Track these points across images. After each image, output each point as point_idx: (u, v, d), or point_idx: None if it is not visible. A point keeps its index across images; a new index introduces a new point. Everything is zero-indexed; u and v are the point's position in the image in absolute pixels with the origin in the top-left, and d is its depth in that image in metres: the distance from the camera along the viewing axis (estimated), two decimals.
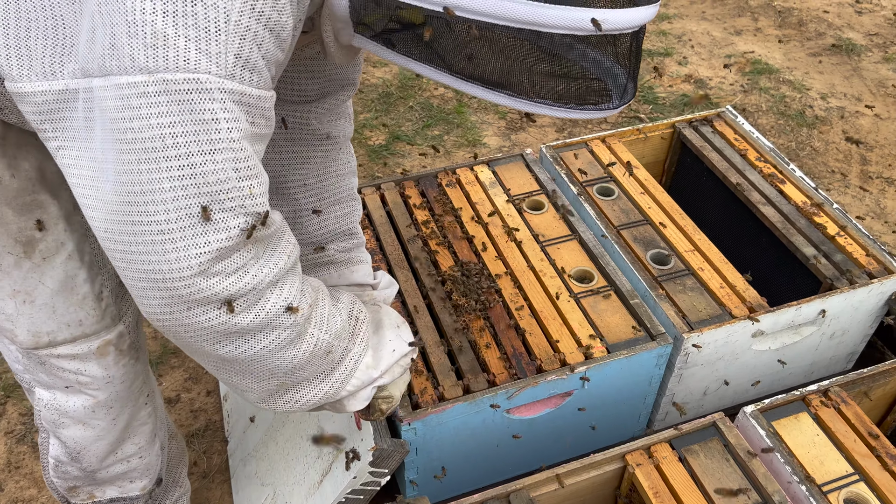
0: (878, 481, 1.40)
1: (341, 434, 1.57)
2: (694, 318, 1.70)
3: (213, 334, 0.97)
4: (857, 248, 1.87)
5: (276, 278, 0.98)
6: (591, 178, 2.07)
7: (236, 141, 0.85)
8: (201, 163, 0.84)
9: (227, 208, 0.88)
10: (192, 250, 0.88)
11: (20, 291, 1.19)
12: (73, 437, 1.36)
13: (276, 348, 1.04)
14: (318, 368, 1.13)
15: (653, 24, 3.96)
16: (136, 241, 0.88)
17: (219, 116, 0.83)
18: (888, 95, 3.44)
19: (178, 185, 0.84)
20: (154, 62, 0.79)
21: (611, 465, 1.44)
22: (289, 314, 1.01)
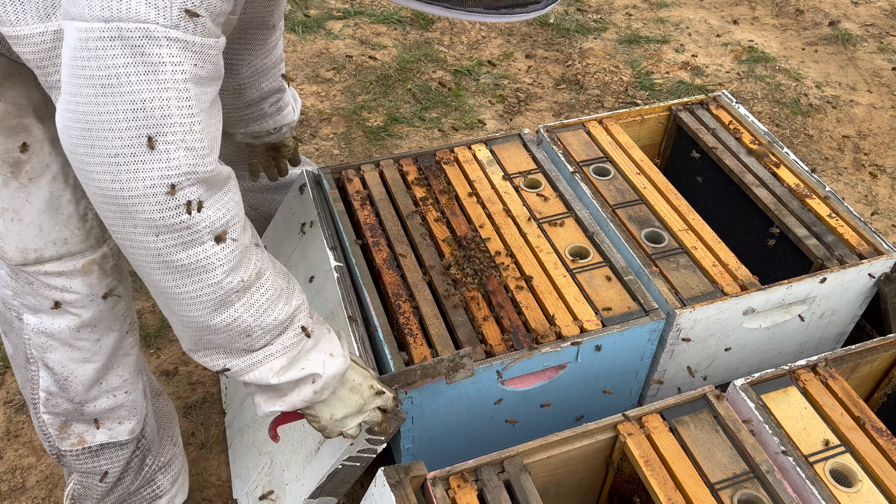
0: (864, 453, 1.43)
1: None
2: (686, 295, 1.74)
3: (152, 259, 1.09)
4: (848, 230, 1.90)
5: (216, 229, 1.09)
6: (588, 159, 2.10)
7: (180, 82, 0.98)
8: (149, 99, 0.97)
9: (170, 140, 1.00)
10: (139, 174, 1.01)
11: (8, 210, 1.28)
12: (60, 360, 1.43)
13: (199, 300, 1.13)
14: (231, 343, 1.20)
15: (650, 11, 3.97)
16: (94, 162, 1.01)
17: (165, 60, 0.96)
18: (882, 85, 3.47)
19: (129, 117, 0.98)
20: (109, 12, 0.92)
21: (603, 435, 1.48)
22: (221, 270, 1.11)
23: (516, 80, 3.46)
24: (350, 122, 3.19)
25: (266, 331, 1.21)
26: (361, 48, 3.60)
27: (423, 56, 3.56)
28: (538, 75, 3.51)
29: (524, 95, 3.38)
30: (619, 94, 3.40)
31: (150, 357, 2.26)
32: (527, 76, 3.49)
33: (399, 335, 1.66)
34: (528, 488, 1.36)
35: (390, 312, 1.71)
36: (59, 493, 1.96)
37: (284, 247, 1.99)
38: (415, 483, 1.36)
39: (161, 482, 1.75)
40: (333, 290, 1.72)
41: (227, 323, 1.17)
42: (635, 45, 3.70)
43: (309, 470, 1.60)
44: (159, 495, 1.76)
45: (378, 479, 1.37)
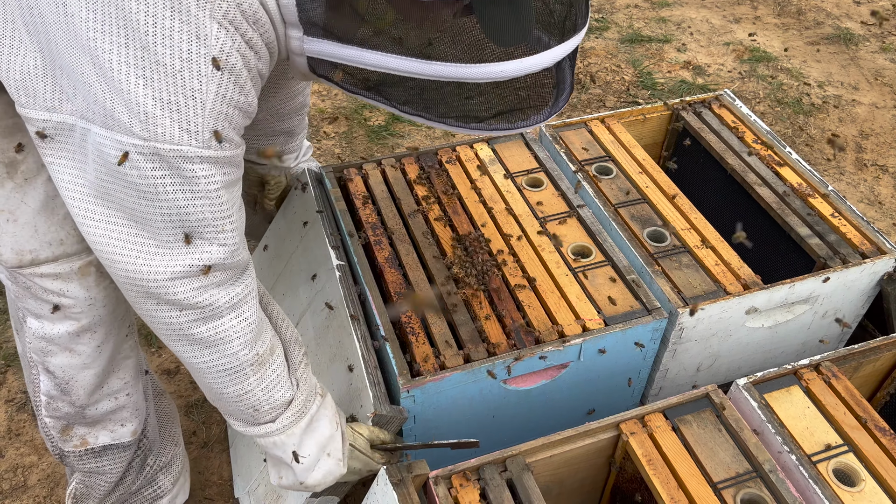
0: (867, 452, 1.43)
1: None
2: (689, 294, 1.73)
3: (173, 332, 1.20)
4: (851, 229, 1.90)
5: (234, 304, 1.21)
6: (590, 158, 2.10)
7: (212, 191, 1.09)
8: (185, 206, 1.08)
9: (204, 238, 1.13)
10: (172, 262, 1.12)
11: (3, 210, 1.28)
12: (61, 365, 1.43)
13: (215, 371, 1.24)
14: (240, 412, 1.32)
15: (652, 10, 3.97)
16: (126, 251, 1.12)
17: (198, 175, 1.07)
18: (884, 84, 3.47)
19: (168, 219, 1.10)
20: (147, 133, 1.02)
21: (605, 434, 1.47)
22: (238, 343, 1.23)
23: None
24: (352, 121, 3.19)
25: (273, 407, 1.31)
26: None
27: None
28: None
29: None
30: (620, 93, 3.40)
31: (151, 356, 2.26)
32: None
33: (401, 334, 1.65)
34: (531, 487, 1.36)
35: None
36: (60, 491, 1.95)
37: (286, 245, 1.99)
38: (417, 482, 1.36)
39: (162, 482, 1.75)
40: (335, 288, 1.72)
41: (239, 395, 1.28)
42: (637, 45, 3.70)
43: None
44: (161, 495, 1.76)
45: (380, 478, 1.36)
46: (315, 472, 1.38)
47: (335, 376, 1.66)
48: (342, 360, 1.64)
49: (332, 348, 1.69)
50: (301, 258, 1.91)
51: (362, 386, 1.55)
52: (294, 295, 1.89)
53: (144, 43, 0.98)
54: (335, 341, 1.68)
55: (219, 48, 1.01)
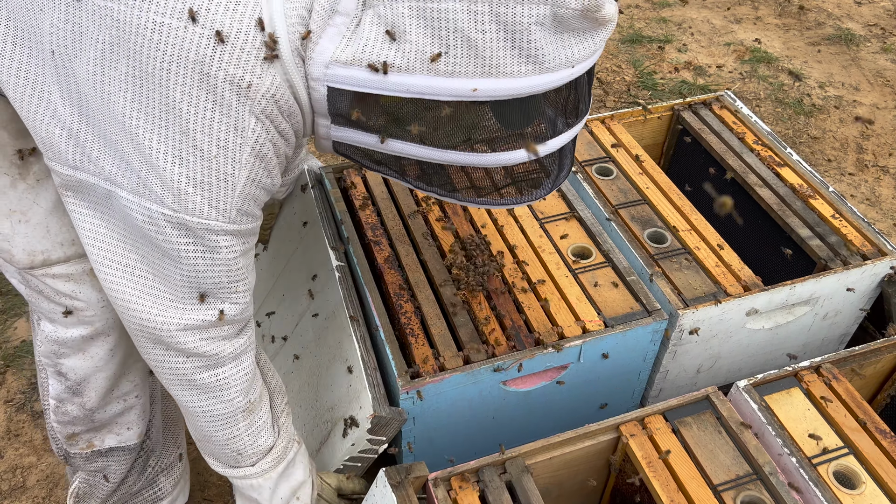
0: (868, 455, 1.43)
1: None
2: (689, 296, 1.73)
3: (176, 378, 1.27)
4: (852, 231, 1.89)
5: (236, 355, 1.27)
6: (591, 158, 2.09)
7: (231, 260, 1.17)
8: (204, 270, 1.16)
9: (217, 297, 1.20)
10: (185, 316, 1.19)
11: (16, 211, 1.29)
12: (74, 367, 1.44)
13: (211, 415, 1.30)
14: (224, 456, 1.39)
15: (653, 10, 3.97)
16: (141, 299, 1.19)
17: (221, 245, 1.14)
18: (885, 85, 3.47)
19: (186, 278, 1.16)
20: (177, 206, 1.08)
21: (605, 436, 1.47)
22: (235, 390, 1.29)
23: None
24: None
25: (255, 452, 1.38)
26: None
27: None
28: None
29: None
30: (621, 93, 3.39)
31: None
32: None
33: (400, 335, 1.65)
34: (530, 489, 1.35)
35: (392, 312, 1.70)
36: (59, 492, 1.95)
37: (286, 246, 1.99)
38: (416, 484, 1.35)
39: (163, 484, 1.75)
40: (335, 289, 1.71)
41: (228, 439, 1.34)
42: (638, 45, 3.69)
43: None
44: (161, 497, 1.75)
45: (379, 480, 1.36)
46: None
47: (335, 378, 1.65)
48: (342, 362, 1.64)
49: (332, 349, 1.69)
50: (301, 258, 1.90)
51: (361, 388, 1.55)
52: (294, 296, 1.89)
53: (185, 129, 1.04)
54: (335, 342, 1.68)
55: (254, 139, 1.08)
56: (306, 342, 1.78)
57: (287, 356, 1.84)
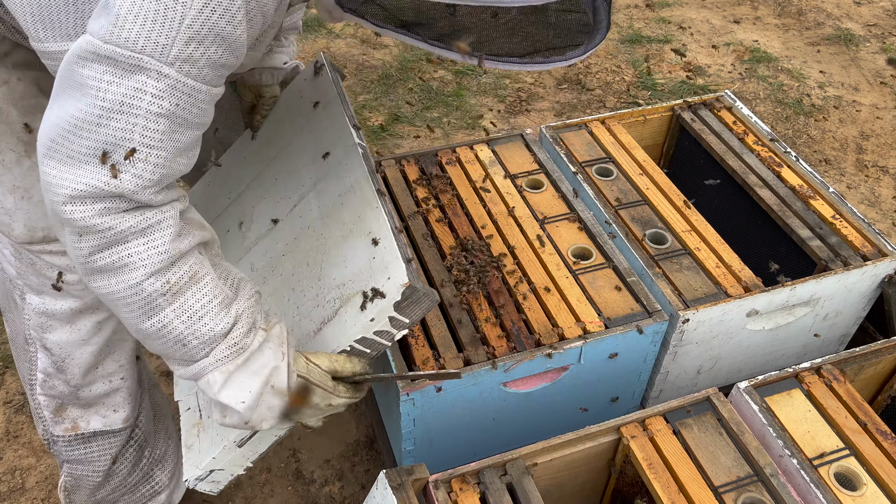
0: (868, 456, 1.43)
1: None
2: (690, 297, 1.73)
3: (78, 261, 1.11)
4: (852, 231, 1.89)
5: (142, 229, 1.09)
6: (590, 159, 2.09)
7: (153, 114, 1.02)
8: (117, 118, 1.01)
9: (120, 160, 1.03)
10: (75, 178, 1.03)
11: (20, 188, 1.31)
12: (59, 341, 1.44)
13: (125, 302, 1.12)
14: (169, 351, 1.18)
15: (652, 11, 3.97)
16: (52, 158, 1.05)
17: (146, 89, 1.00)
18: (885, 85, 3.47)
19: (95, 126, 1.01)
20: (110, 36, 0.98)
21: (606, 437, 1.47)
22: (143, 270, 1.10)
23: (517, 80, 3.46)
24: None
25: (202, 341, 1.17)
26: (363, 48, 3.59)
27: (424, 55, 3.55)
28: (540, 75, 3.50)
29: (526, 95, 3.37)
30: (620, 94, 3.39)
31: (150, 357, 2.26)
32: (528, 76, 3.49)
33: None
34: (531, 491, 1.35)
35: None
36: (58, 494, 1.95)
37: (285, 129, 1.84)
38: (416, 486, 1.35)
39: (159, 478, 1.74)
40: (355, 165, 1.58)
41: (157, 329, 1.15)
42: (637, 45, 3.69)
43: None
44: (158, 491, 1.75)
45: (380, 482, 1.36)
46: (258, 408, 1.23)
47: (351, 252, 1.49)
48: (362, 236, 1.47)
49: (349, 225, 1.53)
50: (307, 139, 1.76)
51: (392, 258, 1.37)
52: (294, 177, 1.74)
53: None
54: (353, 217, 1.53)
55: None
56: (308, 223, 1.63)
57: (278, 240, 1.67)
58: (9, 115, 1.27)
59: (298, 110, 1.81)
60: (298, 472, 2.02)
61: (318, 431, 2.10)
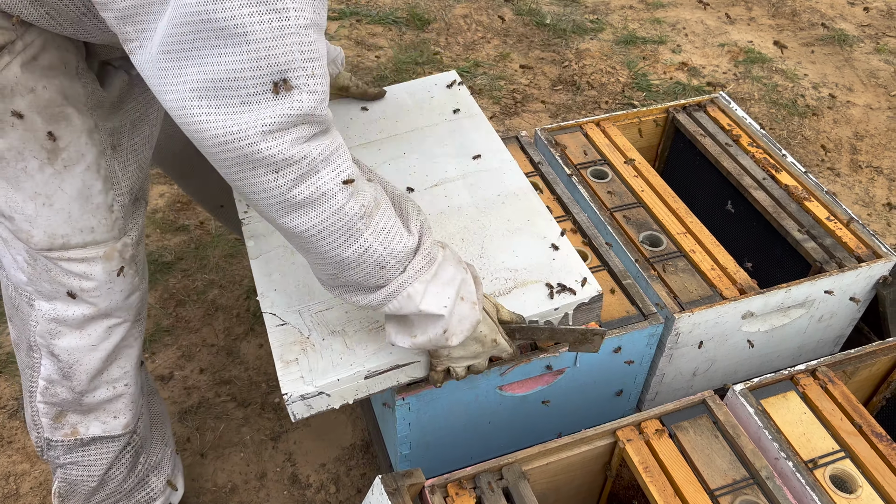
0: (864, 458, 1.43)
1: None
2: (685, 299, 1.73)
3: (276, 201, 1.12)
4: (847, 233, 1.89)
5: (327, 157, 1.12)
6: (586, 161, 2.09)
7: (302, 28, 1.02)
8: (274, 45, 1.01)
9: (293, 85, 1.05)
10: (260, 116, 1.04)
11: (41, 194, 1.32)
12: (68, 347, 1.45)
13: (328, 232, 1.15)
14: (367, 278, 1.22)
15: (647, 11, 3.97)
16: (214, 112, 1.04)
17: (288, 6, 1.00)
18: (879, 86, 3.47)
19: (255, 65, 1.02)
20: None
21: (602, 441, 1.47)
22: (341, 196, 1.14)
23: (513, 81, 3.45)
24: None
25: (398, 259, 1.22)
26: (357, 49, 3.59)
27: (419, 57, 3.54)
28: (535, 76, 3.50)
29: (521, 96, 3.37)
30: (615, 94, 3.39)
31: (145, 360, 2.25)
32: (523, 77, 3.49)
33: None
34: (527, 495, 1.35)
35: None
36: (52, 500, 1.94)
37: (415, 120, 1.94)
38: (412, 491, 1.35)
39: (154, 484, 1.74)
40: (517, 177, 1.77)
41: (360, 254, 1.18)
42: (632, 46, 3.69)
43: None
44: (153, 498, 1.75)
45: (375, 488, 1.35)
46: (453, 318, 1.28)
47: (522, 246, 1.60)
48: (536, 237, 1.62)
49: (514, 223, 1.65)
50: (448, 137, 1.87)
51: (577, 265, 1.56)
52: (432, 161, 1.81)
53: None
54: (520, 218, 1.66)
55: None
56: (458, 205, 1.69)
57: (435, 197, 1.73)
58: (33, 122, 1.27)
59: (431, 108, 1.95)
60: (294, 476, 2.01)
61: (315, 435, 2.10)
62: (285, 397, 1.36)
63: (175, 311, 2.41)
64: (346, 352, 1.42)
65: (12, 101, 1.25)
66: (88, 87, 1.34)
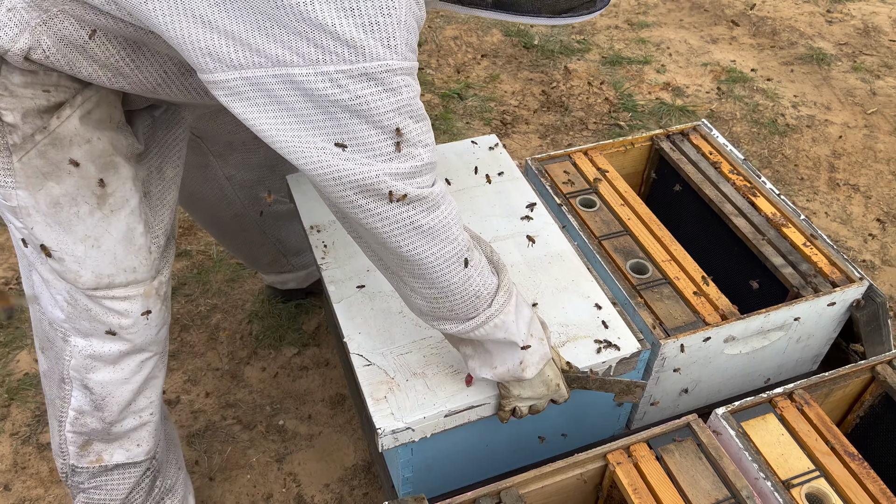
0: (837, 477, 1.53)
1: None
2: (670, 325, 1.83)
3: (406, 227, 1.27)
4: (822, 258, 2.00)
5: (443, 194, 1.30)
6: (574, 190, 2.19)
7: (411, 98, 1.20)
8: (393, 115, 1.19)
9: (410, 143, 1.23)
10: (389, 165, 1.22)
11: (90, 237, 1.43)
12: (102, 380, 1.55)
13: (446, 258, 1.32)
14: (462, 307, 1.38)
15: (632, 31, 4.08)
16: (348, 166, 1.20)
17: (400, 85, 1.17)
18: (856, 104, 3.60)
19: (380, 131, 1.19)
20: (355, 56, 1.13)
21: (593, 464, 1.56)
22: (456, 230, 1.32)
23: (503, 103, 3.55)
24: None
25: (489, 291, 1.40)
26: None
27: None
28: (524, 97, 3.60)
29: (510, 118, 3.47)
30: (602, 115, 3.50)
31: None
32: (513, 98, 3.58)
33: None
34: None
35: None
36: None
37: (464, 179, 2.13)
38: None
39: None
40: (560, 240, 1.96)
41: (464, 281, 1.35)
42: (618, 66, 3.80)
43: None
44: None
45: None
46: (528, 351, 1.47)
47: (569, 303, 1.80)
48: (581, 296, 1.81)
49: (561, 282, 1.85)
50: (495, 197, 2.05)
51: (619, 325, 1.75)
52: (482, 219, 2.00)
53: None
54: (565, 278, 1.86)
55: None
56: (511, 262, 1.88)
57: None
58: (88, 170, 1.39)
59: (479, 169, 2.14)
60: (300, 496, 2.09)
61: (318, 456, 2.18)
62: (378, 431, 1.53)
63: (180, 336, 2.49)
64: (427, 392, 1.59)
65: (70, 151, 1.36)
66: (129, 139, 1.46)
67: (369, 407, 1.57)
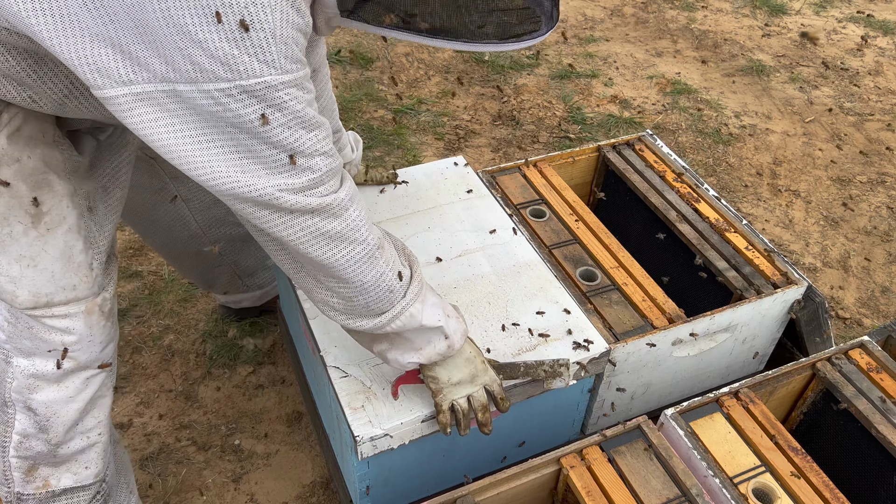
0: (781, 472, 1.58)
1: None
2: (620, 330, 1.87)
3: (311, 237, 1.28)
4: (763, 261, 2.07)
5: (351, 197, 1.31)
6: (525, 201, 2.22)
7: (300, 110, 1.17)
8: (281, 131, 1.17)
9: (304, 154, 1.21)
10: (288, 180, 1.21)
11: (26, 256, 1.40)
12: (46, 400, 1.51)
13: (355, 260, 1.34)
14: (377, 302, 1.40)
15: (580, 46, 4.17)
16: (245, 181, 1.20)
17: (285, 100, 1.15)
18: (794, 113, 3.73)
19: (271, 147, 1.18)
20: (231, 74, 1.09)
21: (547, 469, 1.58)
22: (364, 230, 1.34)
23: (455, 118, 3.59)
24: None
25: (401, 284, 1.42)
26: None
27: (364, 95, 3.66)
28: (476, 112, 3.64)
29: (463, 132, 3.51)
30: (552, 128, 3.56)
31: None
32: (465, 113, 3.63)
33: None
34: None
35: None
36: None
37: (434, 199, 2.20)
38: None
39: None
40: (527, 250, 2.05)
41: (376, 279, 1.37)
42: (567, 80, 3.88)
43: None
44: None
45: None
46: (449, 329, 1.50)
47: (541, 309, 1.87)
48: (550, 302, 1.89)
49: (530, 290, 1.92)
50: (465, 213, 2.14)
51: (587, 327, 1.83)
52: (453, 235, 2.06)
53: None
54: (534, 285, 1.93)
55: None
56: (481, 273, 1.96)
57: (445, 273, 1.96)
58: (19, 190, 1.36)
59: (447, 189, 2.22)
60: None
61: (275, 474, 2.16)
62: (357, 439, 1.57)
63: (132, 359, 2.45)
64: (404, 399, 1.64)
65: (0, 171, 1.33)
66: (65, 153, 1.43)
67: (347, 416, 1.59)
